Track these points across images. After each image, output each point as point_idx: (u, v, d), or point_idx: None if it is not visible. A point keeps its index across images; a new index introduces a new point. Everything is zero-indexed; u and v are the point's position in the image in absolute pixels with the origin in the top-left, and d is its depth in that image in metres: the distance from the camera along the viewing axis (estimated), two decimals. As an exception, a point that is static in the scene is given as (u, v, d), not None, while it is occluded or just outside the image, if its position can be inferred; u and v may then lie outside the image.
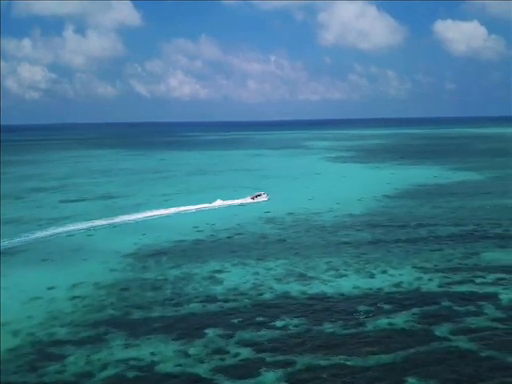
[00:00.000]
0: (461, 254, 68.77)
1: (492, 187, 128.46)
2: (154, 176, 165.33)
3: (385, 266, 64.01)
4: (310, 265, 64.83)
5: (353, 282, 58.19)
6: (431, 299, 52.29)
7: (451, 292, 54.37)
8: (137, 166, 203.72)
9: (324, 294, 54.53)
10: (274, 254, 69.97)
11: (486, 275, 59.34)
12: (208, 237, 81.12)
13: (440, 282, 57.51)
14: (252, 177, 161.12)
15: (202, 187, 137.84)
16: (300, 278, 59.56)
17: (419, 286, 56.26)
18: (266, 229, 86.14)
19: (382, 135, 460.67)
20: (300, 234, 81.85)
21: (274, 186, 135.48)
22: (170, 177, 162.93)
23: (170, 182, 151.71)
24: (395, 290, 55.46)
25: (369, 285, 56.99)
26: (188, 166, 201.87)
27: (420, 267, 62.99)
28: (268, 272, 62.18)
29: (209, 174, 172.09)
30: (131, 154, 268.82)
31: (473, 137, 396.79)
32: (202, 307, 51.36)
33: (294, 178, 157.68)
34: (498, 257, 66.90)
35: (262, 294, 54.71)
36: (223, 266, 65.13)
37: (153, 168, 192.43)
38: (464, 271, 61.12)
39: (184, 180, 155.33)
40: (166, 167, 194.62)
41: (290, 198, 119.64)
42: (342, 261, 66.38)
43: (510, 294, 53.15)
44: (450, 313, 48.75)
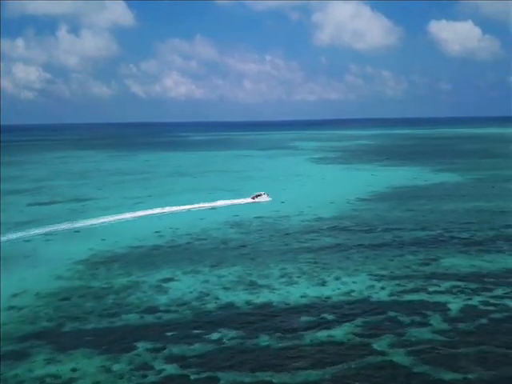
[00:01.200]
0: (420, 260, 67.14)
1: (470, 189, 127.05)
2: (133, 178, 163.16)
3: (340, 272, 62.31)
4: (263, 272, 63.04)
5: (303, 290, 56.42)
6: (378, 309, 50.57)
7: (400, 301, 52.66)
8: (119, 167, 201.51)
9: (269, 303, 52.70)
10: (230, 261, 68.16)
11: (441, 283, 57.71)
12: (167, 242, 79.22)
13: (392, 290, 55.82)
14: (232, 179, 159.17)
15: (177, 190, 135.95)
16: (249, 287, 57.74)
17: (369, 295, 54.56)
18: (229, 233, 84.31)
19: (373, 136, 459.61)
20: (262, 239, 80.00)
21: (251, 189, 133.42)
22: (149, 179, 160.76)
23: (147, 184, 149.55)
24: (344, 299, 53.73)
25: (318, 293, 55.23)
26: (170, 167, 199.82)
27: (375, 274, 61.33)
28: (219, 280, 60.33)
29: (188, 175, 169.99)
30: (116, 155, 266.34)
31: (464, 137, 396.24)
32: (139, 318, 49.49)
33: (273, 179, 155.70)
34: (458, 263, 65.24)
35: (206, 304, 52.86)
36: (174, 273, 63.26)
37: (134, 169, 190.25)
38: (419, 279, 59.45)
39: (161, 182, 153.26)
40: (148, 169, 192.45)
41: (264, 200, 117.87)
42: (298, 267, 64.64)
43: (459, 303, 51.51)
44: (394, 324, 47.03)
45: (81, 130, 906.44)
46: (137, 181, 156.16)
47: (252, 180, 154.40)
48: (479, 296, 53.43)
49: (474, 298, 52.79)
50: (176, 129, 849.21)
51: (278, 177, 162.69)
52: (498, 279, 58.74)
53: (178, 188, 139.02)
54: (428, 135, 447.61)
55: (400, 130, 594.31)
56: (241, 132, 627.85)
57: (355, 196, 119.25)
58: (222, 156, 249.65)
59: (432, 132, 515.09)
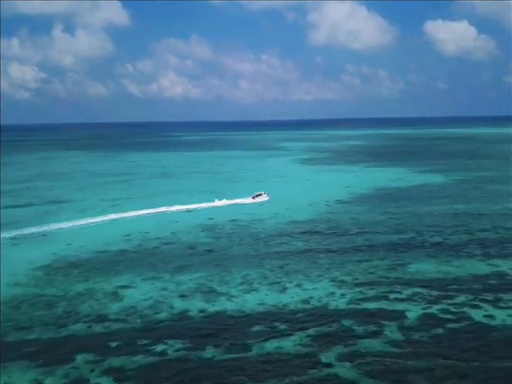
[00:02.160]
0: (387, 265, 65.75)
1: (451, 191, 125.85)
2: (115, 179, 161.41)
3: (303, 278, 60.86)
4: (225, 279, 61.51)
5: (261, 297, 54.92)
6: (333, 318, 49.12)
7: (358, 310, 51.22)
8: (103, 168, 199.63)
9: (223, 312, 51.19)
10: (193, 267, 66.58)
11: (404, 290, 56.29)
12: (134, 247, 77.53)
13: (351, 298, 54.38)
14: (214, 180, 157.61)
15: (157, 191, 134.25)
16: (207, 295, 56.14)
17: (327, 303, 53.08)
18: (199, 237, 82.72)
19: (365, 136, 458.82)
20: (232, 244, 78.48)
21: (231, 191, 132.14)
22: (131, 180, 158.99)
23: (128, 185, 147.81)
24: (300, 307, 52.24)
25: (275, 301, 53.73)
26: (156, 168, 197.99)
27: (338, 281, 59.91)
28: (177, 287, 58.74)
29: (172, 177, 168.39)
30: (102, 156, 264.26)
31: (456, 137, 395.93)
32: (86, 328, 47.89)
33: (255, 181, 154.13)
34: (425, 269, 63.86)
35: (158, 313, 51.25)
36: (134, 280, 61.65)
37: (119, 170, 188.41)
38: (382, 285, 58.04)
39: (143, 184, 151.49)
40: (133, 170, 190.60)
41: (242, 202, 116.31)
42: (261, 273, 63.15)
43: (418, 311, 50.08)
44: (347, 334, 45.59)
45: (74, 129, 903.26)
46: (119, 182, 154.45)
47: (234, 182, 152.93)
48: (440, 304, 52.04)
49: (434, 306, 51.39)
50: (170, 128, 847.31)
51: (262, 178, 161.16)
52: (463, 286, 57.39)
53: (158, 190, 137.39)
54: (420, 135, 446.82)
55: (393, 130, 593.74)
56: (234, 132, 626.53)
57: (335, 198, 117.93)
58: (209, 156, 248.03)
59: (425, 132, 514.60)
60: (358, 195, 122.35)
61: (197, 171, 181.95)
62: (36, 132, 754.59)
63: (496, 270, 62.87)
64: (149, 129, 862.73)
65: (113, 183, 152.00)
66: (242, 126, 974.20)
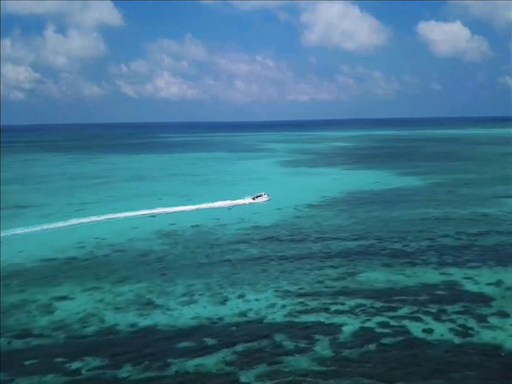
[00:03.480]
0: (338, 274, 63.92)
1: (424, 195, 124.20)
2: (90, 182, 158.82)
3: (247, 289, 58.91)
4: (167, 289, 59.43)
5: (198, 310, 52.93)
6: (266, 332, 47.17)
7: (294, 323, 49.30)
8: (80, 170, 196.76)
9: (154, 327, 49.11)
10: (138, 276, 64.43)
11: (347, 301, 54.45)
12: (85, 254, 75.36)
13: (291, 309, 52.46)
14: (189, 183, 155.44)
15: (127, 195, 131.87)
16: (143, 307, 54.08)
17: (265, 316, 51.15)
18: (154, 245, 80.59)
19: (355, 137, 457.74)
20: (186, 251, 76.40)
21: (204, 194, 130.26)
22: (104, 183, 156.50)
23: (100, 188, 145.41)
24: (236, 320, 50.29)
25: (212, 314, 51.75)
26: (134, 170, 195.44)
27: (283, 291, 57.96)
28: (114, 299, 56.65)
29: (148, 179, 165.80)
30: (84, 158, 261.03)
31: (444, 139, 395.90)
32: (6, 344, 45.68)
33: (231, 184, 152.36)
34: (375, 278, 62.02)
35: (86, 327, 49.13)
36: (72, 291, 59.45)
37: (94, 173, 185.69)
38: (326, 296, 56.13)
39: (116, 187, 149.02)
40: (109, 172, 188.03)
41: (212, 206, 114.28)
42: (207, 283, 61.12)
43: (355, 325, 48.23)
44: (275, 350, 43.63)
45: (66, 130, 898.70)
46: (92, 185, 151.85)
47: (207, 185, 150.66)
48: (380, 316, 50.17)
49: (374, 319, 49.54)
50: (163, 130, 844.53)
51: (239, 181, 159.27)
52: (409, 296, 55.53)
53: (128, 193, 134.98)
54: (409, 136, 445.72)
55: (384, 131, 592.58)
56: (226, 133, 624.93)
57: (306, 202, 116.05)
58: (192, 158, 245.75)
59: (415, 133, 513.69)
60: (329, 199, 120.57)
61: (174, 174, 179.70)
62: (26, 133, 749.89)
63: (447, 279, 61.10)
64: (142, 130, 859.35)
65: (85, 187, 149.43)
66: (236, 126, 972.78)
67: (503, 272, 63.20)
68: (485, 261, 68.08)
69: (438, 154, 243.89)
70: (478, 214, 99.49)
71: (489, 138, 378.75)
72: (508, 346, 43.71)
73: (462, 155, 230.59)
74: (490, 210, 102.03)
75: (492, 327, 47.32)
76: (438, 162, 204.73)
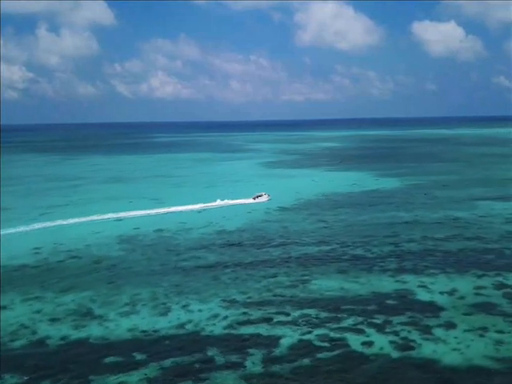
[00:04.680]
0: (290, 281, 62.09)
1: (399, 197, 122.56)
2: (63, 184, 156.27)
3: (194, 298, 57.03)
4: (111, 299, 57.45)
5: (136, 322, 50.93)
6: (201, 346, 45.30)
7: (232, 335, 47.47)
8: (58, 172, 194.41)
9: (86, 339, 47.11)
10: (85, 285, 62.39)
11: (293, 311, 52.62)
12: (38, 261, 73.25)
13: (233, 320, 50.62)
14: (167, 185, 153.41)
15: (100, 197, 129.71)
16: (81, 318, 52.11)
17: (204, 327, 49.31)
18: (111, 250, 78.52)
19: (344, 137, 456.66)
20: (142, 258, 74.36)
21: (177, 196, 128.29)
22: (79, 185, 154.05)
23: (74, 191, 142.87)
24: (173, 332, 48.37)
25: (150, 326, 49.83)
26: (114, 171, 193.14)
27: (229, 300, 56.12)
28: (54, 309, 54.57)
29: (126, 181, 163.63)
30: (66, 158, 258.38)
31: (432, 139, 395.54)
32: None
33: (209, 185, 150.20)
34: (328, 286, 60.25)
35: (15, 340, 47.00)
36: (13, 300, 57.19)
37: (72, 174, 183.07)
38: (273, 305, 54.27)
39: (91, 189, 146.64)
40: (86, 174, 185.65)
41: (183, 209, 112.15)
42: (153, 292, 59.13)
43: (295, 337, 46.38)
44: (204, 366, 41.69)
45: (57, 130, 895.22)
46: (66, 188, 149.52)
47: (183, 187, 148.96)
48: (322, 328, 48.42)
49: (315, 331, 47.76)
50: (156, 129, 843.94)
51: (217, 182, 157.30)
52: (357, 306, 53.80)
53: (102, 196, 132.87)
54: (399, 137, 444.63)
55: (377, 131, 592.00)
56: (217, 133, 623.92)
57: (277, 205, 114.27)
58: (175, 159, 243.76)
59: (405, 133, 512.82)
60: (303, 202, 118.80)
61: (153, 175, 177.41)
62: (16, 133, 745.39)
63: (401, 287, 59.42)
64: (135, 130, 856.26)
65: (59, 189, 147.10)
66: (231, 126, 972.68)
67: (459, 280, 61.57)
68: (444, 268, 66.45)
69: (424, 154, 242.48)
70: (448, 217, 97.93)
71: (477, 139, 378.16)
72: (447, 361, 42.05)
73: (447, 156, 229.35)
74: (462, 214, 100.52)
75: (435, 340, 45.63)
76: (422, 163, 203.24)
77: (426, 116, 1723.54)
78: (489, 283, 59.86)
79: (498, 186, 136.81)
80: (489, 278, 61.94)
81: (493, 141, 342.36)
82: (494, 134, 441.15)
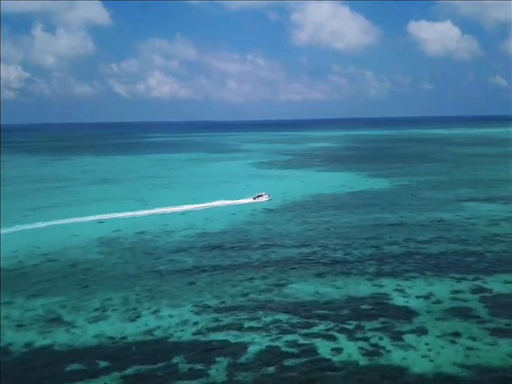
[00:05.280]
0: (267, 285, 61.14)
1: (386, 198, 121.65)
2: (49, 185, 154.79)
3: (166, 303, 56.06)
4: (81, 304, 56.38)
5: (104, 328, 49.90)
6: (166, 353, 44.26)
7: (200, 342, 46.39)
8: (46, 172, 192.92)
9: (50, 346, 46.07)
10: (57, 289, 61.33)
11: (265, 316, 51.65)
12: (13, 264, 71.89)
13: (203, 327, 49.61)
14: (151, 186, 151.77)
15: (82, 199, 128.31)
16: (48, 324, 51.04)
17: (172, 334, 48.35)
18: (89, 254, 77.40)
19: (338, 137, 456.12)
20: (119, 261, 73.24)
21: (163, 198, 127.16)
22: (65, 186, 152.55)
23: (58, 192, 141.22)
24: (140, 339, 47.34)
25: (117, 332, 48.79)
26: (103, 172, 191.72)
27: (202, 305, 55.10)
28: (22, 315, 53.47)
29: (110, 182, 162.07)
30: (56, 159, 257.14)
31: (425, 139, 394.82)
32: None
33: (196, 187, 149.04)
34: (303, 290, 59.28)
35: (-23, 347, 46.37)
36: (-19, 305, 56.59)
37: (60, 175, 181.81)
38: (246, 311, 53.35)
39: (75, 190, 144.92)
40: (75, 174, 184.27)
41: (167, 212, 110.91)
42: (126, 297, 58.04)
43: (262, 344, 45.39)
44: (167, 374, 40.74)
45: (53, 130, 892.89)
46: (52, 189, 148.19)
47: (170, 188, 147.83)
48: (292, 334, 47.48)
49: (285, 337, 46.87)
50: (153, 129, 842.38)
51: (205, 184, 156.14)
52: (330, 311, 52.86)
53: (87, 197, 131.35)
54: (392, 136, 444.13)
55: (372, 131, 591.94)
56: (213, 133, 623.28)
57: (264, 206, 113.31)
58: (166, 160, 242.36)
59: (399, 133, 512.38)
60: (289, 203, 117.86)
61: (141, 176, 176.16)
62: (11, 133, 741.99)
63: (377, 291, 58.54)
64: (132, 129, 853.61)
65: (46, 190, 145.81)
66: (228, 126, 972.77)
67: (437, 284, 60.72)
68: (423, 271, 65.60)
69: (417, 155, 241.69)
70: (433, 219, 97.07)
71: (471, 139, 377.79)
72: (415, 369, 41.17)
73: (439, 156, 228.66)
74: (448, 215, 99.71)
75: (405, 347, 44.78)
76: (414, 163, 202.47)
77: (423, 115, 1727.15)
78: (467, 287, 59.11)
79: (486, 187, 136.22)
80: (467, 281, 61.23)
81: (487, 141, 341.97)
82: (488, 133, 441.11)
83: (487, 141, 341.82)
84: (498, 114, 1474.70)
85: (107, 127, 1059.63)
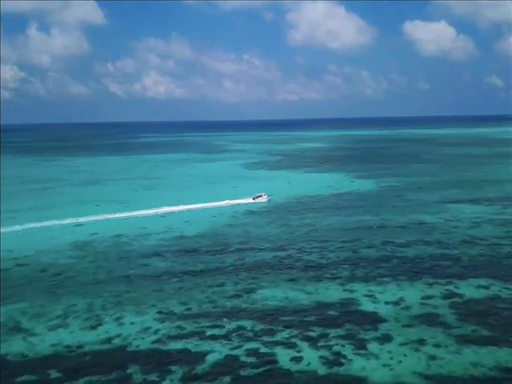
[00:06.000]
0: (236, 290, 59.95)
1: (370, 200, 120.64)
2: (34, 187, 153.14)
3: (130, 310, 54.85)
4: (44, 310, 55.16)
5: (63, 335, 48.59)
6: (122, 363, 43.02)
7: (158, 351, 45.16)
8: (33, 173, 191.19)
9: (4, 356, 44.72)
10: (23, 295, 59.96)
11: (229, 324, 50.49)
12: (-18, 269, 71.11)
13: (164, 334, 48.39)
14: (136, 188, 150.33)
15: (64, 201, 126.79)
16: (6, 332, 49.52)
17: (131, 342, 47.03)
18: (61, 257, 76.08)
19: (332, 137, 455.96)
20: (91, 266, 71.98)
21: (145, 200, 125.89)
22: (50, 188, 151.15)
23: (42, 194, 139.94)
24: (98, 348, 46.11)
25: (76, 340, 47.38)
26: (87, 173, 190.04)
27: (167, 312, 53.86)
28: (-19, 322, 52.60)
29: (96, 184, 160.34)
30: (45, 160, 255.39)
31: (418, 139, 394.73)
32: None
33: (181, 188, 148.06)
34: (273, 295, 58.11)
35: None
36: None
37: (46, 176, 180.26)
38: (210, 317, 52.13)
39: (60, 192, 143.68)
40: (62, 176, 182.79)
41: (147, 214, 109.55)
42: (90, 304, 56.76)
43: (222, 353, 44.25)
44: (119, 385, 39.85)
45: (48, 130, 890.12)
46: (36, 190, 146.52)
47: (154, 189, 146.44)
48: (254, 342, 46.30)
49: (246, 346, 45.65)
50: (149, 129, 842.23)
51: (191, 184, 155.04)
52: (297, 317, 51.75)
53: (70, 199, 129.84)
54: (387, 136, 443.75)
55: (367, 131, 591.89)
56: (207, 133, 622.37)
57: (245, 208, 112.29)
58: (155, 160, 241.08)
59: (393, 133, 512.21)
60: (272, 205, 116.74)
61: (127, 178, 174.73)
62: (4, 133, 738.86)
63: (348, 296, 57.47)
64: (127, 129, 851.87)
65: (29, 192, 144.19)
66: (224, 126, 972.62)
67: (409, 288, 59.67)
68: (396, 275, 64.58)
69: (408, 155, 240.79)
70: (415, 221, 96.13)
71: (465, 139, 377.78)
72: (374, 378, 40.10)
73: (430, 157, 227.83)
74: (429, 218, 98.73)
75: (367, 355, 43.74)
76: (404, 163, 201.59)
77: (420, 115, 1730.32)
78: (438, 292, 58.06)
79: (473, 188, 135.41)
80: (440, 286, 60.18)
81: (480, 141, 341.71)
82: (483, 133, 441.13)
83: (481, 141, 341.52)
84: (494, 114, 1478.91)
85: (103, 127, 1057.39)
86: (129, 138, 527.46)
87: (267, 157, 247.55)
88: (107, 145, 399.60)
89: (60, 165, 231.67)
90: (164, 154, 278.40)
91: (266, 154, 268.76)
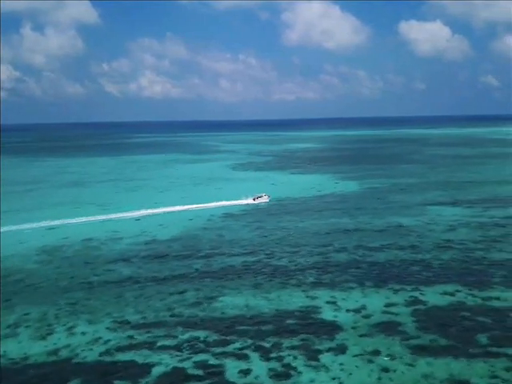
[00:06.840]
0: (197, 298, 58.39)
1: (351, 202, 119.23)
2: (16, 188, 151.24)
3: (84, 319, 53.33)
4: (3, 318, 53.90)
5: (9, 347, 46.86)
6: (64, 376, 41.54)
7: (104, 363, 43.74)
8: (18, 175, 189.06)
9: None
10: (-22, 303, 58.91)
11: (183, 334, 49.02)
12: None
13: (113, 345, 46.75)
14: (118, 189, 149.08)
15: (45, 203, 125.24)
16: (-48, 342, 48.63)
17: (78, 354, 45.44)
18: (26, 263, 74.49)
19: (325, 137, 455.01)
20: (54, 271, 70.40)
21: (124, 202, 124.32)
22: (33, 190, 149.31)
23: (23, 196, 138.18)
24: (43, 360, 44.51)
25: (21, 352, 45.88)
26: (72, 175, 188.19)
27: (121, 321, 52.28)
28: None
29: (79, 185, 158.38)
30: (34, 160, 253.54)
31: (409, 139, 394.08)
32: None
33: (163, 190, 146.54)
34: (233, 303, 56.69)
35: None
36: None
37: (30, 178, 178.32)
38: (164, 327, 50.60)
39: (40, 194, 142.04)
40: (45, 177, 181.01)
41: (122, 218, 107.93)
42: (44, 312, 55.12)
43: (168, 366, 42.66)
44: (55, 401, 38.49)
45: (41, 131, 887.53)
46: (18, 192, 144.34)
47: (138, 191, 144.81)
48: (204, 353, 44.82)
49: (195, 357, 44.17)
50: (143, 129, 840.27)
51: (175, 186, 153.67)
52: (253, 327, 50.34)
53: (51, 201, 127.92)
54: (379, 137, 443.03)
55: (360, 131, 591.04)
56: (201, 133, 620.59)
57: (223, 211, 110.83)
58: (142, 161, 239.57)
59: (387, 133, 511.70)
60: (251, 208, 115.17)
61: (112, 179, 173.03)
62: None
63: (308, 304, 55.98)
64: (120, 129, 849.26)
65: (10, 193, 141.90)
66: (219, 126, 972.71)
67: (373, 295, 58.33)
68: (363, 281, 63.23)
69: (397, 155, 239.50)
70: (392, 224, 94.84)
71: (457, 139, 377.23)
72: (321, 392, 38.91)
73: (419, 158, 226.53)
74: (407, 220, 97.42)
75: (318, 367, 42.33)
76: (391, 164, 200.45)
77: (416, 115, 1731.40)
78: (402, 299, 56.71)
79: (456, 189, 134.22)
80: (405, 292, 58.85)
81: (473, 141, 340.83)
82: (477, 133, 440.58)
83: (474, 141, 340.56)
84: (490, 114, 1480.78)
85: (100, 127, 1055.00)
86: (124, 138, 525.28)
87: (256, 158, 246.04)
88: (101, 145, 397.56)
89: (47, 166, 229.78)
90: (154, 155, 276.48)
91: (255, 154, 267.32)
